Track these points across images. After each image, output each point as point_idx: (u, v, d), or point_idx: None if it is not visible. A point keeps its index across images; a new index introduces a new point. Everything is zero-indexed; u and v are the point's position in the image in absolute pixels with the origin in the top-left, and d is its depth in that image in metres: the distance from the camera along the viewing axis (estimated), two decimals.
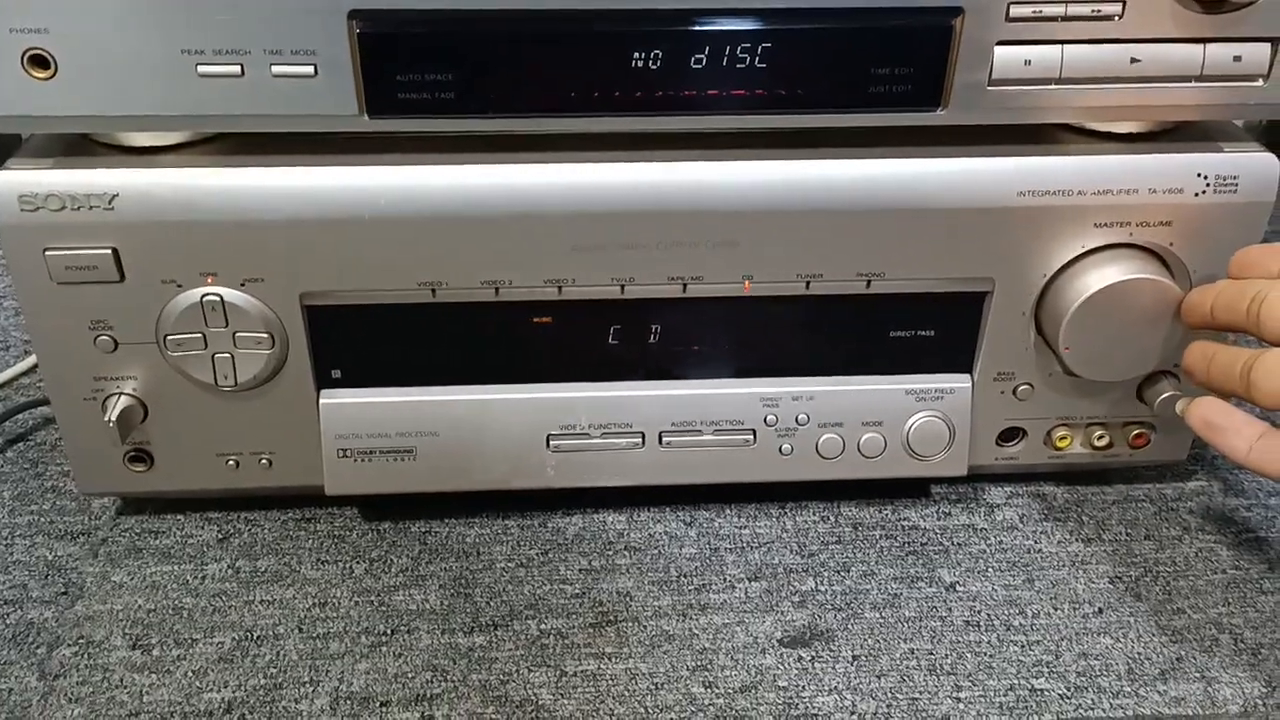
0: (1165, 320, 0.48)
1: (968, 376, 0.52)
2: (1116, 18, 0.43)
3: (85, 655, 0.47)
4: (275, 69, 0.42)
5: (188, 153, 0.45)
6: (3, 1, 0.40)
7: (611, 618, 0.49)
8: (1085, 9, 0.42)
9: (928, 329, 0.51)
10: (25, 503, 0.54)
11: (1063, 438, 0.54)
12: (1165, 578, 0.52)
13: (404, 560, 0.52)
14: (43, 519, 0.54)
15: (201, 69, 0.42)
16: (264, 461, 0.51)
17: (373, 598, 0.50)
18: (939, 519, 0.55)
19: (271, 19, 0.41)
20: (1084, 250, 0.48)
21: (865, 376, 0.51)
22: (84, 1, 0.40)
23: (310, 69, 0.42)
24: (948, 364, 0.51)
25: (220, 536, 0.53)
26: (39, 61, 0.41)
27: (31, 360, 0.63)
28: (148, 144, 0.45)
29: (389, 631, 0.48)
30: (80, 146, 0.45)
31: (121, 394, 0.48)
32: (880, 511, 0.55)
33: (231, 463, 0.51)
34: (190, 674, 0.46)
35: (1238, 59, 0.44)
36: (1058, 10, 0.42)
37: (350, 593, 0.50)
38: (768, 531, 0.54)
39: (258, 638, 0.48)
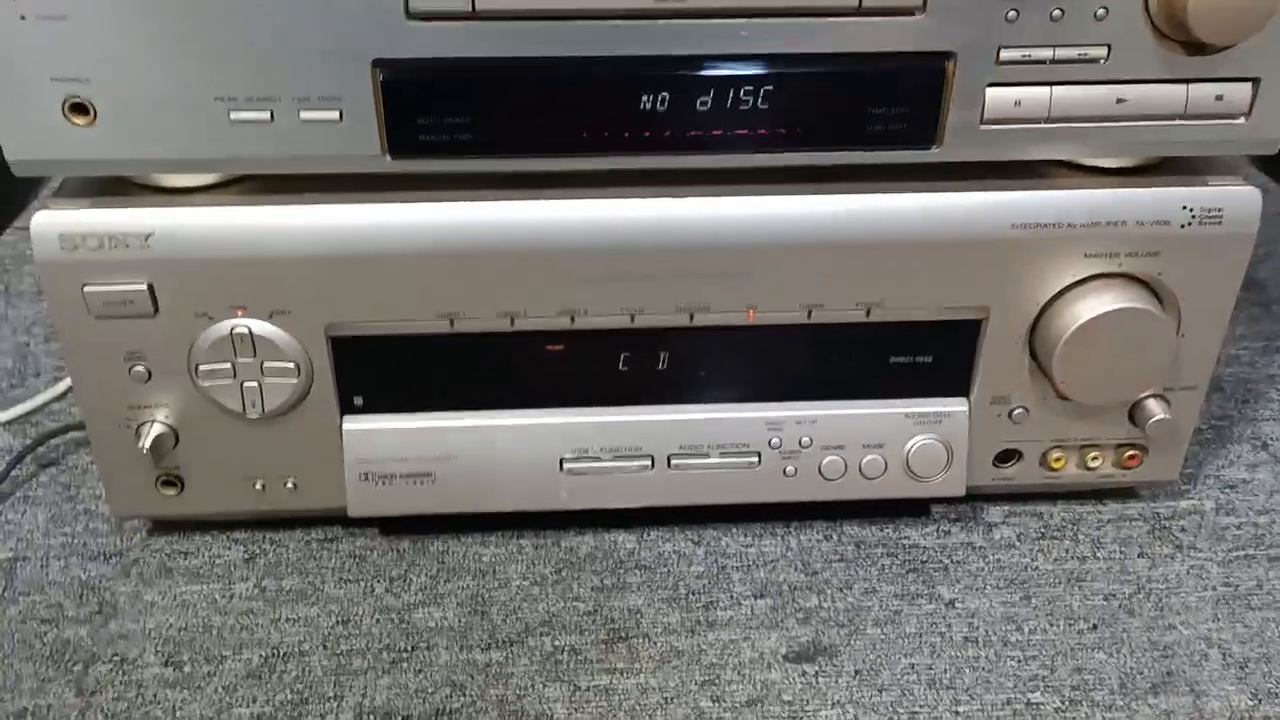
0: (1154, 346, 0.50)
1: (965, 401, 0.53)
2: (1102, 60, 0.45)
3: (120, 672, 0.49)
4: (303, 114, 0.44)
5: (219, 192, 0.48)
6: (45, 53, 0.42)
7: (623, 634, 0.51)
8: (1072, 52, 0.44)
9: (926, 355, 0.53)
10: (59, 525, 0.57)
11: (1058, 459, 0.55)
12: (1158, 594, 0.53)
13: (423, 579, 0.54)
14: (77, 541, 0.56)
15: (234, 115, 0.44)
16: (289, 485, 0.53)
17: (393, 615, 0.52)
18: (939, 538, 0.57)
19: (300, 68, 0.43)
20: (1075, 280, 0.50)
21: (866, 401, 0.53)
22: (123, 52, 0.42)
23: (336, 114, 0.44)
24: (945, 389, 0.53)
25: (247, 557, 0.55)
26: (79, 109, 0.43)
27: (62, 386, 0.65)
28: (181, 185, 0.47)
29: (409, 648, 0.50)
30: (117, 187, 0.47)
31: (154, 421, 0.50)
32: (882, 530, 0.57)
33: (258, 486, 0.53)
34: (220, 690, 0.48)
35: (1220, 98, 0.46)
36: (1046, 54, 0.44)
37: (372, 610, 0.52)
38: (773, 550, 0.56)
39: (284, 654, 0.50)
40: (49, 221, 0.46)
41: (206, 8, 0.42)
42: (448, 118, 0.45)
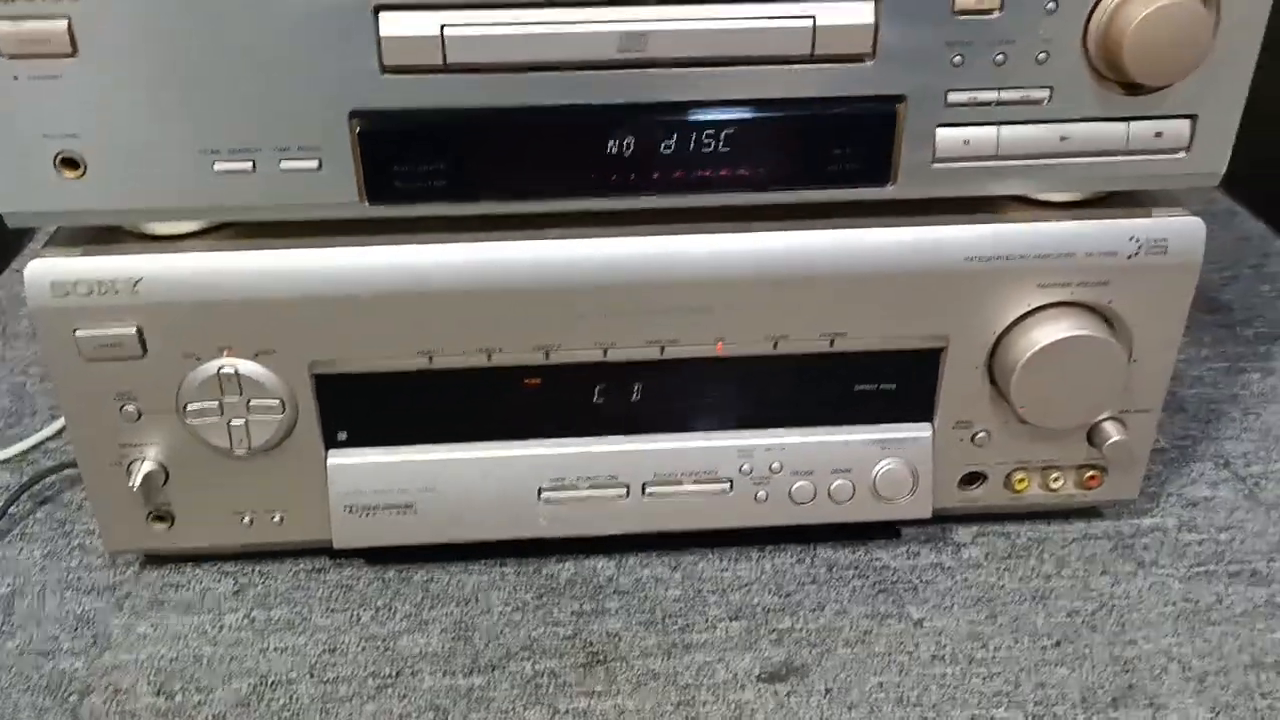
0: (1107, 371, 0.52)
1: (928, 425, 0.55)
2: (1045, 101, 0.47)
3: (114, 702, 0.50)
4: (284, 164, 0.46)
5: (205, 238, 0.50)
6: (38, 111, 0.44)
7: (601, 658, 0.53)
8: (1016, 94, 0.47)
9: (889, 383, 0.54)
10: (55, 560, 0.58)
11: (1021, 480, 0.57)
12: (1120, 610, 0.55)
13: (408, 607, 0.55)
14: (71, 575, 0.57)
15: (218, 166, 0.46)
16: (276, 518, 0.55)
17: (379, 643, 0.53)
18: (908, 558, 0.58)
19: (280, 120, 0.45)
20: (1029, 309, 0.52)
21: (833, 427, 0.55)
22: (111, 109, 0.44)
23: (315, 163, 0.46)
24: (909, 414, 0.55)
25: (236, 588, 0.56)
26: (70, 163, 0.45)
27: (57, 425, 0.67)
28: (168, 232, 0.49)
29: (394, 674, 0.52)
30: (106, 235, 0.49)
31: (145, 459, 0.52)
32: (854, 553, 0.59)
33: (246, 520, 0.55)
34: (211, 718, 0.50)
35: (1159, 135, 0.48)
36: (991, 96, 0.47)
37: (358, 639, 0.54)
38: (747, 574, 0.57)
39: (272, 683, 0.51)
40: (41, 269, 0.48)
41: (191, 66, 0.44)
42: (423, 165, 0.47)
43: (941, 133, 0.47)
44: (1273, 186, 0.90)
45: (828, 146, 0.48)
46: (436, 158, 0.47)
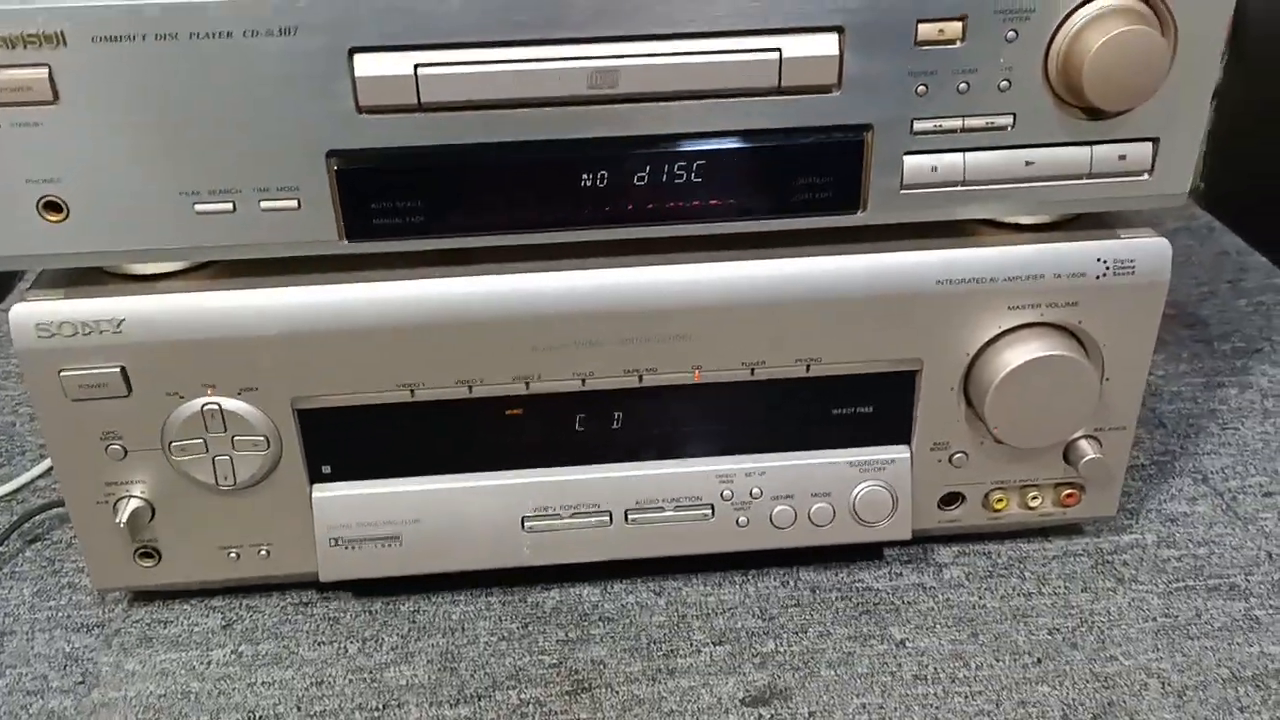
0: (1079, 390, 0.53)
1: (906, 447, 0.56)
2: (1009, 127, 0.48)
3: None
4: (263, 204, 0.47)
5: (187, 278, 0.50)
6: (20, 157, 0.45)
7: (586, 685, 0.53)
8: (980, 121, 0.48)
9: (866, 406, 0.55)
10: (44, 599, 0.59)
11: (999, 500, 0.58)
12: (1100, 627, 0.56)
13: (394, 638, 0.56)
14: (60, 613, 0.58)
15: (198, 207, 0.47)
16: (263, 552, 0.55)
17: (366, 675, 0.54)
18: (891, 580, 0.59)
19: (260, 162, 0.46)
20: (1001, 330, 0.52)
21: (812, 451, 0.56)
22: (93, 154, 0.45)
23: (294, 203, 0.47)
24: (887, 437, 0.56)
25: (224, 623, 0.57)
26: (53, 207, 0.46)
27: (45, 464, 0.67)
28: (151, 272, 0.50)
29: (381, 706, 0.52)
30: (90, 276, 0.50)
31: (131, 497, 0.52)
32: (836, 575, 0.59)
33: (233, 555, 0.55)
34: None
35: (1123, 158, 0.49)
36: (956, 124, 0.48)
37: (345, 671, 0.54)
38: (731, 598, 0.58)
39: (260, 717, 0.52)
40: (26, 311, 0.48)
41: (170, 110, 0.45)
42: (399, 202, 0.48)
43: (909, 160, 0.48)
44: (1249, 202, 0.92)
45: (798, 175, 0.49)
46: (413, 195, 0.48)
